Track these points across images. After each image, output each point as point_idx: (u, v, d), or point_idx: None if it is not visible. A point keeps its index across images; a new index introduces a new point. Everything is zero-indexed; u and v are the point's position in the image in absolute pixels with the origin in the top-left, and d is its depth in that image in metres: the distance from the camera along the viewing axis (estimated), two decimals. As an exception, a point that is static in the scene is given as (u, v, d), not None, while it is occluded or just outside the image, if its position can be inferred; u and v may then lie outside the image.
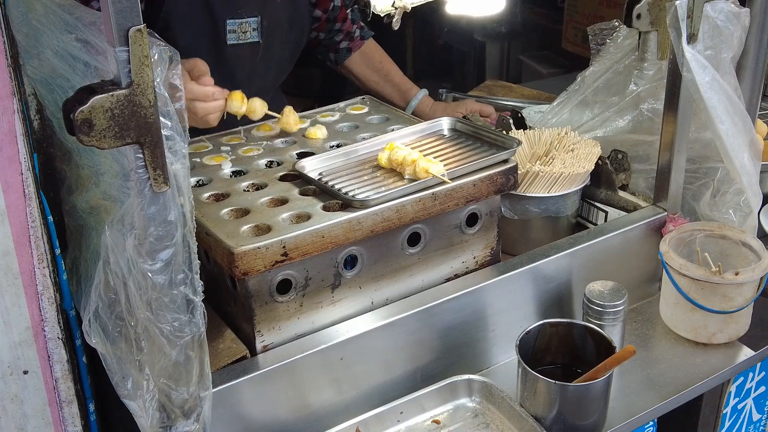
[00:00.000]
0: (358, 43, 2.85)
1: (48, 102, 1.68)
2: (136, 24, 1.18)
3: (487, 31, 5.09)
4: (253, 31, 2.42)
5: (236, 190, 1.79)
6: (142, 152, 1.25)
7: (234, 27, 2.38)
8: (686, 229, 2.05)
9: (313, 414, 1.69)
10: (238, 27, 2.38)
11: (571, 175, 2.06)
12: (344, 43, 2.82)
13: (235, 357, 1.63)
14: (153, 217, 1.29)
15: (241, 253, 1.54)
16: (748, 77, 2.17)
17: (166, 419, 1.44)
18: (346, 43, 2.82)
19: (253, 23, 2.41)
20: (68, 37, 1.47)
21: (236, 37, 2.39)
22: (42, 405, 1.64)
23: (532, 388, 1.69)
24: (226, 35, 2.37)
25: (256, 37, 2.43)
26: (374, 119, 2.19)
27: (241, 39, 2.40)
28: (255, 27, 2.42)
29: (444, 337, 1.81)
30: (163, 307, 1.35)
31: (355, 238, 1.67)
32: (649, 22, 1.98)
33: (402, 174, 1.78)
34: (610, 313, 1.83)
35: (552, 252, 1.93)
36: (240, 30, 2.39)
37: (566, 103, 2.45)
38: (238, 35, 2.39)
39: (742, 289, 1.90)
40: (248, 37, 2.42)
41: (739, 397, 2.18)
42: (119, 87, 1.20)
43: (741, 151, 2.01)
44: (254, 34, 2.42)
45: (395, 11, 1.68)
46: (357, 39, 2.84)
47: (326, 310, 1.72)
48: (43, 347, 1.60)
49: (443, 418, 1.75)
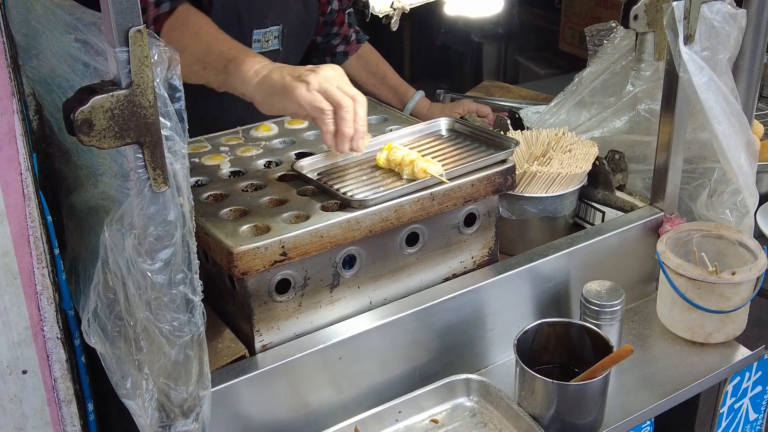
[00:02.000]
0: (355, 46, 2.85)
1: (47, 102, 1.68)
2: (136, 24, 1.18)
3: (484, 32, 5.09)
4: (275, 39, 2.44)
5: (235, 190, 1.80)
6: (141, 152, 1.25)
7: (259, 37, 2.40)
8: (683, 229, 2.06)
9: (312, 413, 1.70)
10: (262, 36, 2.40)
11: (568, 175, 2.06)
12: (341, 47, 2.83)
13: (234, 356, 1.63)
14: (152, 217, 1.29)
15: (240, 252, 1.54)
16: (744, 78, 2.18)
17: (165, 419, 1.44)
18: (343, 46, 2.83)
19: (275, 32, 2.43)
20: (67, 37, 1.47)
21: (260, 46, 2.41)
22: (41, 404, 1.64)
23: (530, 388, 1.69)
24: (252, 45, 2.38)
25: (277, 44, 2.45)
26: (372, 119, 2.19)
27: (264, 48, 2.41)
28: (277, 35, 2.43)
29: (442, 337, 1.81)
30: (162, 307, 1.35)
31: (354, 238, 1.67)
32: (646, 23, 1.99)
33: (400, 174, 1.78)
34: (608, 313, 1.84)
35: (550, 252, 1.94)
36: (264, 39, 2.41)
37: (563, 103, 2.45)
38: (262, 44, 2.41)
39: (738, 288, 1.90)
40: (270, 45, 2.43)
41: (735, 396, 2.19)
42: (119, 87, 1.20)
43: (738, 151, 2.01)
44: (275, 42, 2.44)
45: (394, 12, 1.69)
46: (353, 42, 2.85)
47: (325, 310, 1.73)
48: (42, 347, 1.60)
49: (441, 417, 1.76)
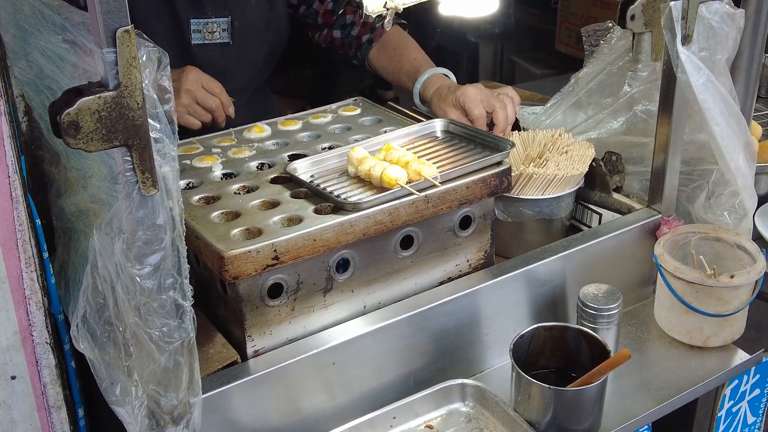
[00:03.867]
0: (380, 31, 2.55)
1: (36, 104, 1.66)
2: (124, 25, 1.16)
3: (480, 32, 5.08)
4: (223, 32, 2.38)
5: (227, 193, 1.78)
6: (130, 155, 1.23)
7: (198, 27, 2.35)
8: (681, 232, 2.04)
9: (305, 419, 1.68)
10: (203, 27, 2.35)
11: (564, 177, 2.04)
12: (365, 36, 2.58)
13: (225, 362, 1.62)
14: (141, 221, 1.27)
15: (231, 256, 1.52)
16: (742, 78, 2.17)
17: (155, 426, 1.43)
18: (368, 35, 2.57)
19: (222, 23, 2.37)
20: (56, 38, 1.46)
21: (201, 37, 2.35)
22: (30, 410, 1.62)
23: (526, 393, 1.67)
24: (191, 35, 2.34)
25: (226, 38, 2.39)
26: (366, 121, 2.17)
27: (207, 39, 2.36)
28: (225, 28, 2.38)
29: (437, 341, 1.80)
30: (151, 312, 1.33)
31: (347, 241, 1.65)
32: (643, 23, 1.98)
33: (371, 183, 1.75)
34: (605, 317, 1.82)
35: (546, 255, 1.92)
36: (206, 30, 2.35)
37: (560, 104, 2.44)
38: (204, 35, 2.35)
39: (737, 292, 1.89)
40: (216, 37, 2.38)
41: (733, 400, 2.17)
42: (107, 89, 1.18)
43: (736, 152, 2.00)
44: (224, 34, 2.38)
45: (387, 12, 1.66)
46: (379, 29, 2.55)
47: (318, 315, 1.71)
48: (31, 352, 1.58)
49: (436, 423, 1.74)
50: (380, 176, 1.72)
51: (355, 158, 1.79)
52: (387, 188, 1.71)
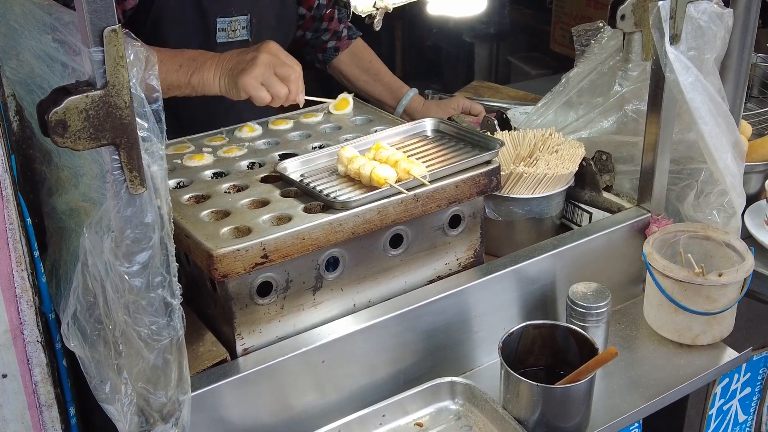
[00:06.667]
0: (346, 42, 2.83)
1: (27, 103, 1.67)
2: (111, 24, 1.17)
3: (475, 32, 5.09)
4: (243, 29, 2.43)
5: (217, 192, 1.78)
6: (117, 154, 1.24)
7: (224, 25, 2.39)
8: (670, 231, 2.05)
9: (295, 417, 1.68)
10: (228, 25, 2.39)
11: (555, 176, 2.05)
12: (332, 43, 2.81)
13: (215, 360, 1.62)
14: (129, 220, 1.28)
15: (220, 255, 1.53)
16: (732, 78, 2.17)
17: (144, 423, 1.43)
18: (334, 42, 2.81)
19: (242, 21, 2.42)
20: (46, 37, 1.46)
21: (226, 35, 2.40)
22: (21, 409, 1.62)
23: (515, 391, 1.68)
24: (216, 33, 2.38)
25: (246, 35, 2.43)
26: (357, 120, 2.18)
27: (230, 37, 2.41)
28: (244, 25, 2.42)
29: (427, 340, 1.80)
30: (140, 311, 1.34)
31: (337, 239, 1.66)
32: (633, 23, 1.98)
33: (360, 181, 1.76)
34: (594, 315, 1.83)
35: (536, 253, 1.93)
36: (230, 28, 2.40)
37: (551, 104, 2.44)
38: (228, 33, 2.40)
39: (725, 290, 1.89)
40: (238, 35, 2.42)
41: (724, 398, 2.18)
42: (94, 88, 1.19)
43: (724, 152, 2.01)
44: (243, 32, 2.43)
45: (377, 12, 1.67)
46: (345, 38, 2.83)
47: (308, 313, 1.71)
48: (22, 350, 1.58)
49: (426, 420, 1.75)
50: (369, 175, 1.73)
51: (345, 157, 1.80)
52: (376, 187, 1.72)
